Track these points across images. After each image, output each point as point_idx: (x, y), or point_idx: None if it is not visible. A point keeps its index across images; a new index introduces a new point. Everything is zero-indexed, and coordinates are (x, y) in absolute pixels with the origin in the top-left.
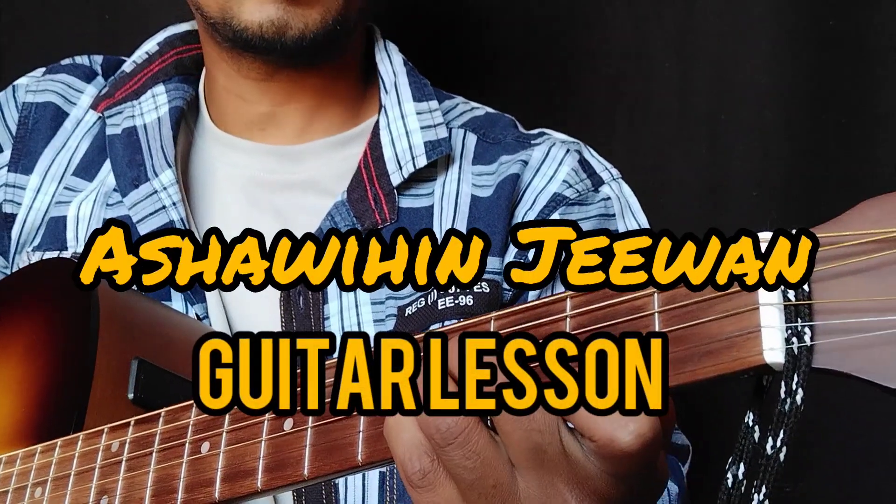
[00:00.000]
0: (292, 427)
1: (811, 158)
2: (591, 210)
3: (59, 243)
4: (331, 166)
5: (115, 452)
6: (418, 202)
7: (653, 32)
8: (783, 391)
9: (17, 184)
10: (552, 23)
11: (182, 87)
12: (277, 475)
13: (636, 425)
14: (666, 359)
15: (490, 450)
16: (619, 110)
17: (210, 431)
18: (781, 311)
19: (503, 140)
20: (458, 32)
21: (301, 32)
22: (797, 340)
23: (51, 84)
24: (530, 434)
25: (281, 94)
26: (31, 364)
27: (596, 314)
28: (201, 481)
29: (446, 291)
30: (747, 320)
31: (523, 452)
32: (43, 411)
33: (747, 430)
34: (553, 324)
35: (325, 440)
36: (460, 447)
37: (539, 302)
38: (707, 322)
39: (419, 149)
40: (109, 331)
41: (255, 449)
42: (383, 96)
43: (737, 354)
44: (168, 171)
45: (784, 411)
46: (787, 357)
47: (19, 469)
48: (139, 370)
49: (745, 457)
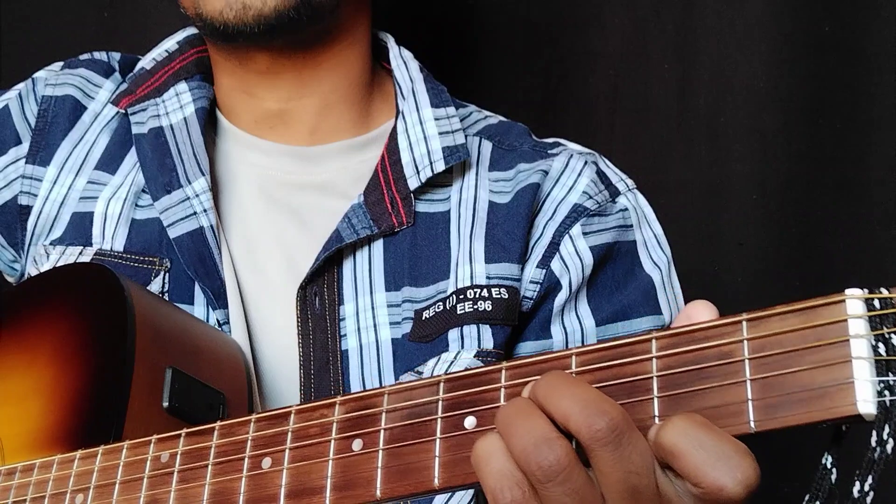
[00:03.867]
0: (362, 448)
1: (808, 161)
2: (610, 221)
3: (83, 238)
4: (347, 169)
5: (166, 463)
6: (434, 207)
7: (652, 35)
8: (874, 440)
9: (34, 175)
10: (552, 24)
11: (204, 85)
12: (347, 494)
13: (744, 475)
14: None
15: (588, 488)
16: (618, 112)
17: (271, 448)
18: (872, 364)
19: (519, 148)
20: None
21: (259, 12)
22: (889, 394)
23: (70, 78)
24: (628, 476)
25: (287, 89)
26: (64, 368)
27: (684, 357)
28: (264, 497)
29: (465, 296)
30: (840, 372)
31: (619, 493)
32: (78, 417)
33: (825, 471)
34: (639, 363)
35: (398, 463)
36: (561, 484)
37: (623, 341)
38: (799, 372)
39: (437, 154)
40: (144, 339)
41: (321, 467)
42: (400, 102)
43: (830, 404)
44: (201, 178)
45: (874, 459)
46: (879, 409)
47: (56, 475)
48: (174, 379)
49: (821, 497)
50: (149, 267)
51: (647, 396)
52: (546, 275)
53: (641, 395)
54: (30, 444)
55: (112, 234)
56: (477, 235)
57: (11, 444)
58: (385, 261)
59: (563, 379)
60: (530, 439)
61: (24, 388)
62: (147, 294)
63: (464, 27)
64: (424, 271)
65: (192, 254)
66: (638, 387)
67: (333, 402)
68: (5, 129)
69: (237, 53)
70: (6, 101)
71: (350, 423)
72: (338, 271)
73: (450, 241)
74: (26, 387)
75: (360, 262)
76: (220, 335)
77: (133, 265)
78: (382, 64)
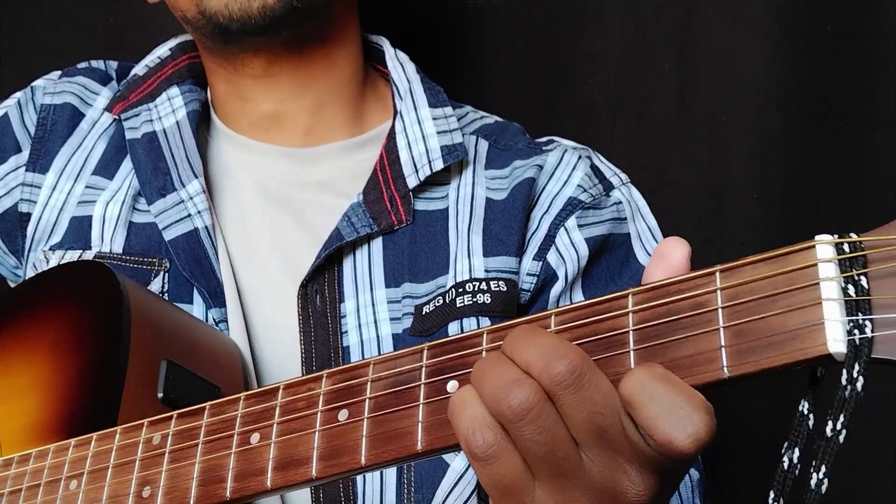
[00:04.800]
0: (348, 418)
1: (810, 161)
2: (605, 214)
3: (82, 242)
4: (345, 168)
5: (157, 445)
6: (433, 205)
7: (652, 36)
8: (844, 379)
9: (34, 183)
10: (552, 25)
11: (196, 89)
12: (333, 462)
13: (694, 429)
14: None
15: (558, 427)
16: (619, 113)
17: (260, 423)
18: (842, 305)
19: (514, 146)
20: (458, 36)
21: (263, 3)
22: (858, 332)
23: (68, 86)
24: (593, 416)
25: (281, 92)
26: (61, 362)
27: (659, 309)
28: (252, 470)
29: (464, 289)
30: (810, 314)
31: (587, 433)
32: (74, 408)
33: (802, 417)
34: (615, 319)
35: (383, 430)
36: (532, 422)
37: (600, 298)
38: (771, 316)
39: (435, 153)
40: (140, 332)
41: (308, 439)
42: (398, 102)
43: (801, 345)
44: (195, 181)
45: (845, 397)
46: (849, 347)
47: (51, 462)
48: (168, 371)
49: (799, 442)
50: (148, 268)
51: (624, 350)
52: (542, 267)
53: (618, 349)
54: (27, 438)
55: (111, 236)
56: (475, 230)
57: (9, 438)
58: (385, 258)
59: (528, 330)
60: (500, 383)
61: (22, 383)
62: (143, 290)
63: (465, 30)
64: (424, 267)
65: (188, 255)
66: (615, 341)
67: (320, 376)
68: (5, 138)
69: (232, 59)
70: (5, 109)
71: (336, 395)
72: (338, 269)
73: (448, 237)
74: (24, 382)
75: (360, 259)
76: (217, 333)
77: (133, 266)
78: (376, 66)
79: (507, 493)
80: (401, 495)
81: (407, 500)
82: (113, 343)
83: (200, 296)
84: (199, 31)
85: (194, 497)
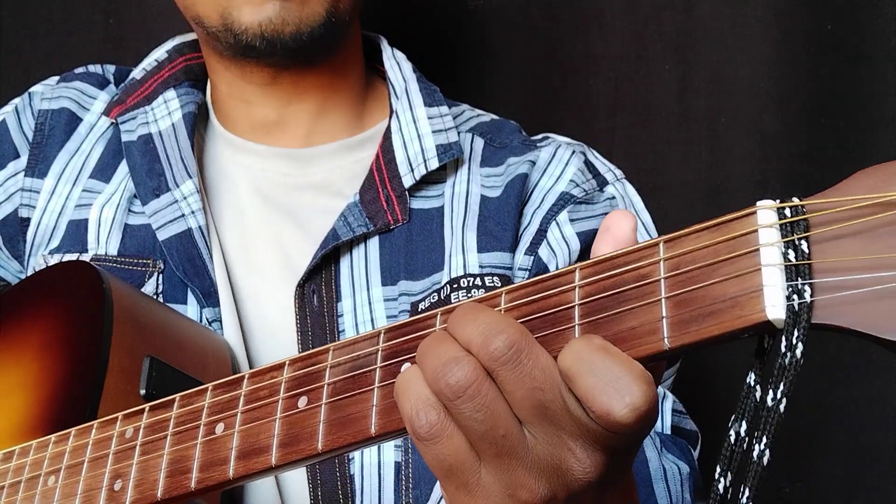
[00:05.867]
0: (307, 404)
1: (810, 161)
2: (597, 209)
3: (79, 245)
4: (342, 169)
5: (130, 438)
6: (429, 203)
7: (652, 36)
8: (784, 346)
9: (33, 188)
10: (552, 26)
11: (192, 91)
12: (291, 450)
13: (631, 399)
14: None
15: (498, 403)
16: (619, 113)
17: (225, 413)
18: (782, 270)
19: (510, 144)
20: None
21: (297, 28)
22: (797, 297)
23: (65, 91)
24: (532, 392)
25: (284, 97)
26: (47, 360)
27: (604, 283)
28: (216, 460)
29: (459, 285)
30: (750, 281)
31: (528, 410)
32: (56, 405)
33: (749, 389)
34: (562, 294)
35: (339, 415)
36: (470, 399)
37: (549, 274)
38: (711, 284)
39: (431, 152)
40: (122, 329)
41: (269, 427)
42: (394, 101)
43: (739, 313)
44: (189, 181)
45: (784, 365)
46: (787, 313)
47: (32, 459)
48: (151, 367)
49: (747, 415)
50: (142, 269)
51: (570, 325)
52: (534, 261)
53: (564, 324)
54: (14, 437)
55: (106, 239)
56: (469, 227)
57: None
58: (381, 257)
59: (469, 307)
60: (439, 361)
61: (9, 385)
62: (130, 288)
63: (465, 31)
64: (420, 265)
65: (182, 255)
66: (561, 317)
67: (283, 363)
68: (4, 144)
69: (240, 65)
70: (3, 115)
71: (297, 382)
72: (335, 269)
73: (444, 235)
74: (11, 384)
75: (357, 259)
76: (207, 332)
77: (127, 268)
78: (375, 66)
79: (451, 474)
80: (399, 491)
81: (405, 496)
82: (94, 339)
83: (194, 296)
84: (215, 39)
85: (161, 488)
